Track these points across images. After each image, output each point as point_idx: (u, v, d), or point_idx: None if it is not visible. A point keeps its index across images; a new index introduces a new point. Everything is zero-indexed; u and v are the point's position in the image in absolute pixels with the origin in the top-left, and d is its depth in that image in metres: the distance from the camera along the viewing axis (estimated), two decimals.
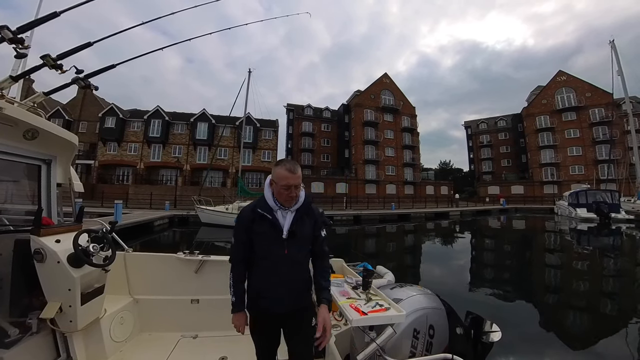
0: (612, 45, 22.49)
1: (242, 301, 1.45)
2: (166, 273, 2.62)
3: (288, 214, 1.44)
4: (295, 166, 1.40)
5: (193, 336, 2.46)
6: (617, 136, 31.89)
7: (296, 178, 1.37)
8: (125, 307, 2.36)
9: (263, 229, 1.41)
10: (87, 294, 1.81)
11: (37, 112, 1.82)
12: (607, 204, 19.51)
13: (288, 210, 1.43)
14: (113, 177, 29.13)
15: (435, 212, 23.52)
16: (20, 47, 1.60)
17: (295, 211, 1.45)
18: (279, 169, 1.39)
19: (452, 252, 10.91)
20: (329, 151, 44.95)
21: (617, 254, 10.04)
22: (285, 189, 1.37)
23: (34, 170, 2.01)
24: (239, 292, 1.45)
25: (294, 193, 1.39)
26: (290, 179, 1.36)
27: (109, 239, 1.98)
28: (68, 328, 1.78)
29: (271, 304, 1.41)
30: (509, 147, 47.59)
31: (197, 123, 30.70)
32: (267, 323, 1.45)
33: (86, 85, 1.98)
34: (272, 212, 1.43)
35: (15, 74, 1.72)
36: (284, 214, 1.44)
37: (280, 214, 1.44)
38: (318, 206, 1.63)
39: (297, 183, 1.38)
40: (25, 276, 1.71)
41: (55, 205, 2.13)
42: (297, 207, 1.45)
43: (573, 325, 4.48)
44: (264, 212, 1.42)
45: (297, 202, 1.44)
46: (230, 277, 1.47)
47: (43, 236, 1.67)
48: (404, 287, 2.36)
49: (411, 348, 1.88)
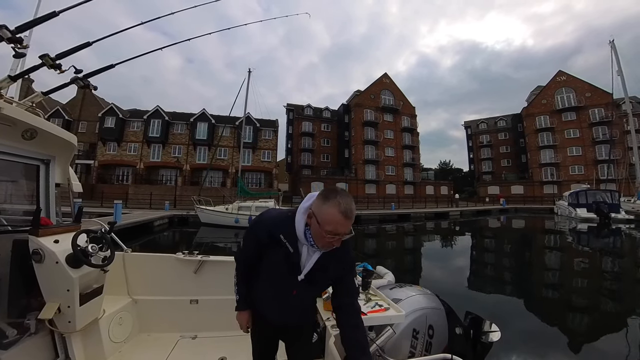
0: (612, 45, 22.51)
1: (245, 300, 1.33)
2: (165, 273, 2.61)
3: (315, 255, 1.15)
4: (352, 208, 1.03)
5: (192, 337, 2.46)
6: (617, 136, 31.90)
7: (349, 224, 1.04)
8: (124, 308, 2.35)
9: (277, 258, 1.15)
10: (86, 294, 1.81)
11: (36, 112, 1.82)
12: (607, 204, 19.52)
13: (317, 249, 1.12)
14: (113, 177, 29.12)
15: (435, 212, 23.52)
16: (18, 46, 1.59)
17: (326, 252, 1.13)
18: (330, 207, 1.02)
19: (452, 252, 10.91)
20: (329, 151, 44.96)
21: (617, 254, 10.04)
22: (329, 233, 1.02)
23: (32, 170, 2.01)
24: (242, 292, 1.32)
25: (339, 243, 1.07)
26: (342, 226, 1.02)
27: (107, 239, 1.97)
28: (67, 329, 1.77)
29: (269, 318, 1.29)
30: (508, 147, 47.62)
31: (197, 123, 30.68)
32: (265, 328, 1.35)
33: (85, 85, 1.97)
34: (296, 245, 1.14)
35: (13, 73, 1.71)
36: (311, 252, 1.15)
37: (305, 250, 1.15)
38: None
39: (347, 231, 1.04)
40: (23, 277, 1.70)
41: (53, 205, 2.13)
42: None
43: (572, 325, 4.47)
44: (286, 243, 1.13)
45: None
46: (235, 276, 1.35)
47: (41, 236, 1.66)
48: (404, 287, 2.36)
49: (410, 348, 1.88)
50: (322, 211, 1.03)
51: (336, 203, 1.02)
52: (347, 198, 1.04)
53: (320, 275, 1.18)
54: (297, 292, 1.19)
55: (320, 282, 1.20)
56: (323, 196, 1.06)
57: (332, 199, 1.03)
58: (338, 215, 1.01)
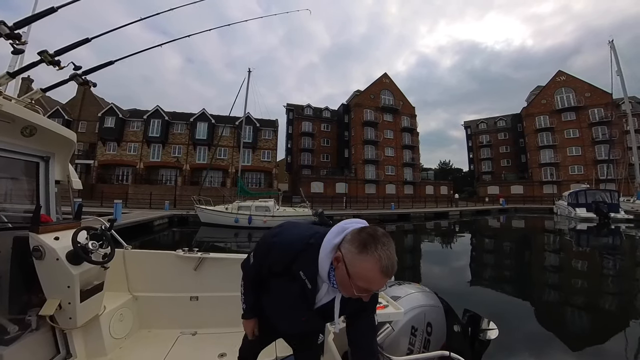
0: (611, 45, 22.53)
1: (252, 309, 1.25)
2: (165, 270, 2.62)
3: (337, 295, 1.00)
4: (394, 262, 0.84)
5: (192, 333, 2.47)
6: (616, 136, 31.92)
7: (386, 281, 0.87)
8: (125, 304, 2.36)
9: (289, 289, 1.02)
10: (87, 291, 1.81)
11: (35, 108, 1.82)
12: (606, 204, 19.54)
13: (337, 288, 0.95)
14: (112, 177, 29.11)
15: (435, 212, 23.53)
16: (17, 42, 1.59)
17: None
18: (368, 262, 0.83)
19: (451, 252, 10.92)
20: (329, 151, 44.97)
21: (617, 254, 10.05)
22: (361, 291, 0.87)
23: (32, 167, 2.01)
24: (249, 302, 1.24)
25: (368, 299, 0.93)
26: (378, 285, 0.86)
27: (107, 236, 1.98)
28: (67, 325, 1.78)
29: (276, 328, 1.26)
30: (508, 147, 47.64)
31: (197, 123, 30.68)
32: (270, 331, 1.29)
33: (84, 81, 1.97)
34: (316, 281, 0.99)
35: (12, 70, 1.71)
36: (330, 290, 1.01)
37: (325, 289, 1.01)
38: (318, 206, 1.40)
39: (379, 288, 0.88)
40: (24, 273, 1.71)
41: (53, 202, 2.13)
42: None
43: (570, 323, 4.49)
44: (305, 279, 0.98)
45: None
46: (241, 285, 1.26)
47: (42, 233, 1.67)
48: (403, 284, 2.37)
49: (409, 345, 1.89)
50: (357, 264, 0.84)
51: (376, 258, 0.82)
52: (389, 249, 0.83)
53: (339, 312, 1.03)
54: (306, 319, 1.09)
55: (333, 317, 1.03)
56: (360, 243, 0.85)
57: (371, 251, 0.82)
58: (377, 273, 0.82)
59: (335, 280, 0.93)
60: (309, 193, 29.45)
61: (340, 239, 0.92)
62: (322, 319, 1.08)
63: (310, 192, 31.24)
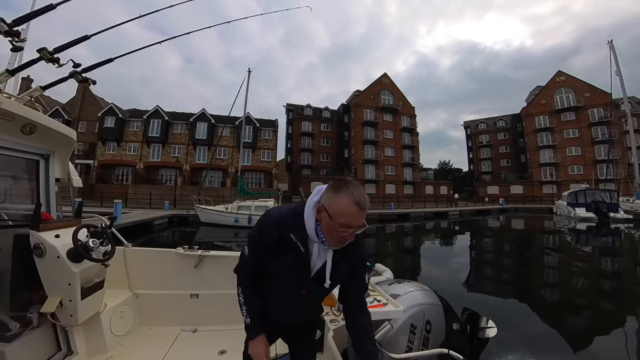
0: (611, 45, 22.55)
1: (258, 322, 1.15)
2: (166, 268, 2.63)
3: (328, 253, 1.08)
4: (365, 198, 0.96)
5: (192, 330, 2.48)
6: (615, 136, 31.95)
7: (363, 215, 0.96)
8: (125, 302, 2.37)
9: (286, 259, 1.08)
10: (87, 288, 1.82)
11: (35, 106, 1.82)
12: (605, 204, 19.57)
13: (328, 246, 1.05)
14: (112, 177, 29.08)
15: (435, 212, 23.56)
16: (16, 40, 1.59)
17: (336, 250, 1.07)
18: (344, 198, 0.94)
19: (451, 251, 10.93)
20: (329, 151, 44.97)
21: (616, 254, 10.07)
22: (343, 226, 0.95)
23: (32, 165, 2.02)
24: (253, 312, 1.14)
25: (353, 237, 0.99)
26: (356, 218, 0.94)
27: (108, 234, 1.98)
28: (68, 322, 1.79)
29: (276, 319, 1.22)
30: (508, 147, 47.66)
31: (197, 123, 30.66)
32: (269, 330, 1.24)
33: (84, 79, 1.97)
34: (307, 243, 1.06)
35: (11, 67, 1.72)
36: (322, 251, 1.09)
37: (316, 248, 1.08)
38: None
39: (362, 223, 0.97)
40: (25, 271, 1.72)
41: (54, 200, 2.14)
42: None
43: (568, 322, 4.50)
44: (297, 242, 1.05)
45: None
46: (240, 294, 1.16)
47: (42, 231, 1.67)
48: (402, 283, 2.38)
49: (408, 343, 1.89)
50: (334, 203, 0.95)
51: (349, 194, 0.94)
52: (360, 188, 0.97)
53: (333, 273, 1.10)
54: (306, 291, 1.13)
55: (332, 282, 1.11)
56: (333, 188, 0.98)
57: (344, 190, 0.95)
58: (352, 206, 0.93)
59: (322, 233, 1.02)
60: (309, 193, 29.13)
61: (319, 197, 1.03)
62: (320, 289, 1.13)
63: (310, 192, 30.67)
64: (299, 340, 1.33)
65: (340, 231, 0.95)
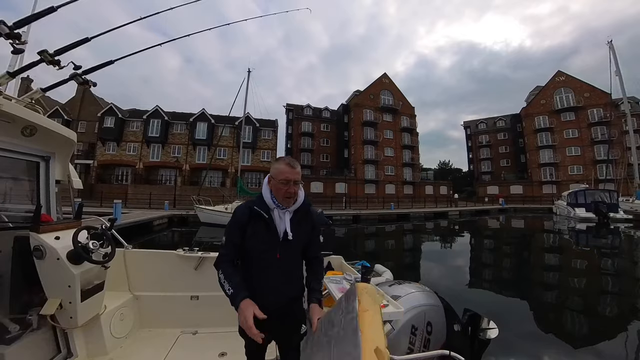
0: (610, 46, 22.55)
1: (241, 288, 1.26)
2: (166, 270, 2.62)
3: (285, 215, 1.37)
4: (294, 161, 1.36)
5: (193, 332, 2.47)
6: (615, 136, 32.01)
7: (295, 173, 1.32)
8: (125, 304, 2.37)
9: (257, 229, 1.33)
10: (87, 290, 1.82)
11: (35, 108, 1.82)
12: (605, 204, 19.57)
13: (286, 210, 1.36)
14: (112, 177, 29.05)
15: (435, 212, 23.55)
16: (17, 42, 1.59)
17: (294, 212, 1.39)
18: (278, 164, 1.35)
19: (451, 252, 10.93)
20: (329, 151, 44.95)
21: (616, 254, 10.08)
22: (284, 184, 1.30)
23: (32, 167, 2.01)
24: (234, 282, 1.27)
25: (293, 189, 1.32)
26: (289, 174, 1.31)
27: (108, 235, 1.98)
28: (68, 324, 1.78)
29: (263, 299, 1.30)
30: (508, 147, 47.68)
31: (197, 123, 30.65)
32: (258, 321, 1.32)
33: (84, 81, 1.97)
34: (269, 211, 1.35)
35: (12, 69, 1.71)
36: (281, 215, 1.37)
37: (277, 213, 1.36)
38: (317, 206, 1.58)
39: (296, 178, 1.32)
40: (25, 273, 1.71)
41: (54, 202, 2.13)
42: (295, 208, 1.39)
43: (569, 323, 4.49)
44: (261, 211, 1.33)
45: (295, 202, 1.38)
46: (219, 276, 1.31)
47: (42, 233, 1.67)
48: (403, 284, 2.37)
49: (409, 344, 1.89)
50: (274, 168, 1.36)
51: (282, 159, 1.38)
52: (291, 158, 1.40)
53: (296, 231, 1.37)
54: (280, 255, 1.34)
55: (296, 239, 1.38)
56: (275, 161, 1.40)
57: (279, 160, 1.39)
58: (285, 166, 1.33)
59: (275, 199, 1.36)
60: (309, 193, 29.44)
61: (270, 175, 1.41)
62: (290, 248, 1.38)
63: (310, 192, 31.25)
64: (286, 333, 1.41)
65: (284, 187, 1.31)
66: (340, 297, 1.23)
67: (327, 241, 2.75)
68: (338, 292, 2.04)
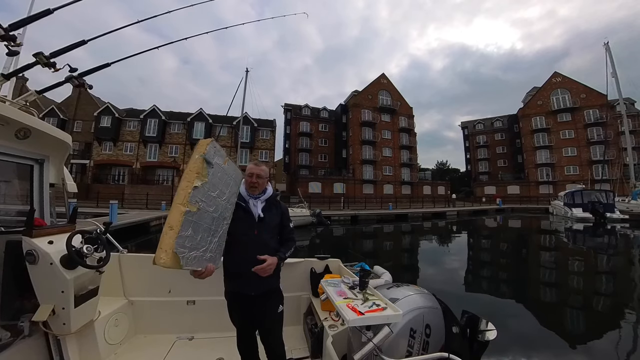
0: (606, 47, 22.79)
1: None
2: (161, 274, 2.58)
3: (258, 203, 1.78)
4: (260, 162, 1.84)
5: (189, 338, 2.44)
6: (611, 137, 32.32)
7: (258, 169, 1.76)
8: (120, 309, 2.33)
9: (238, 215, 1.71)
10: (81, 295, 1.78)
11: (30, 111, 1.79)
12: (602, 204, 19.75)
13: (258, 199, 1.78)
14: (108, 177, 28.84)
15: (433, 212, 23.63)
16: (12, 44, 1.57)
17: (265, 201, 1.80)
18: (248, 164, 1.83)
19: (449, 252, 10.96)
20: (327, 151, 44.93)
21: (612, 254, 10.15)
22: (249, 176, 1.76)
23: (26, 170, 1.98)
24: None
25: (255, 180, 1.75)
26: (253, 169, 1.77)
27: (103, 240, 1.95)
28: (61, 331, 1.75)
29: (241, 285, 1.68)
30: (505, 147, 47.94)
31: (194, 123, 30.52)
32: (240, 303, 1.72)
33: (80, 83, 1.95)
34: (245, 201, 1.78)
35: (7, 71, 1.69)
36: (255, 203, 1.78)
37: (252, 202, 1.77)
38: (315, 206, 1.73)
39: (258, 172, 1.76)
40: (17, 278, 1.68)
41: (48, 205, 2.10)
42: (265, 198, 1.80)
43: (568, 323, 4.51)
44: (240, 202, 1.76)
45: (264, 193, 1.80)
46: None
47: (35, 237, 1.64)
48: (401, 286, 2.36)
49: (408, 347, 1.88)
50: (246, 169, 1.80)
51: (252, 161, 1.89)
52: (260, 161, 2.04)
53: (267, 214, 1.78)
54: (257, 232, 1.72)
55: (269, 220, 1.77)
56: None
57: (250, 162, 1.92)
58: (251, 164, 1.82)
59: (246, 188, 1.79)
60: (307, 193, 29.40)
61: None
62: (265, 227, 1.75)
63: (308, 192, 31.21)
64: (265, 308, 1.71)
65: (249, 179, 1.76)
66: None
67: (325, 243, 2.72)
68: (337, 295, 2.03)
